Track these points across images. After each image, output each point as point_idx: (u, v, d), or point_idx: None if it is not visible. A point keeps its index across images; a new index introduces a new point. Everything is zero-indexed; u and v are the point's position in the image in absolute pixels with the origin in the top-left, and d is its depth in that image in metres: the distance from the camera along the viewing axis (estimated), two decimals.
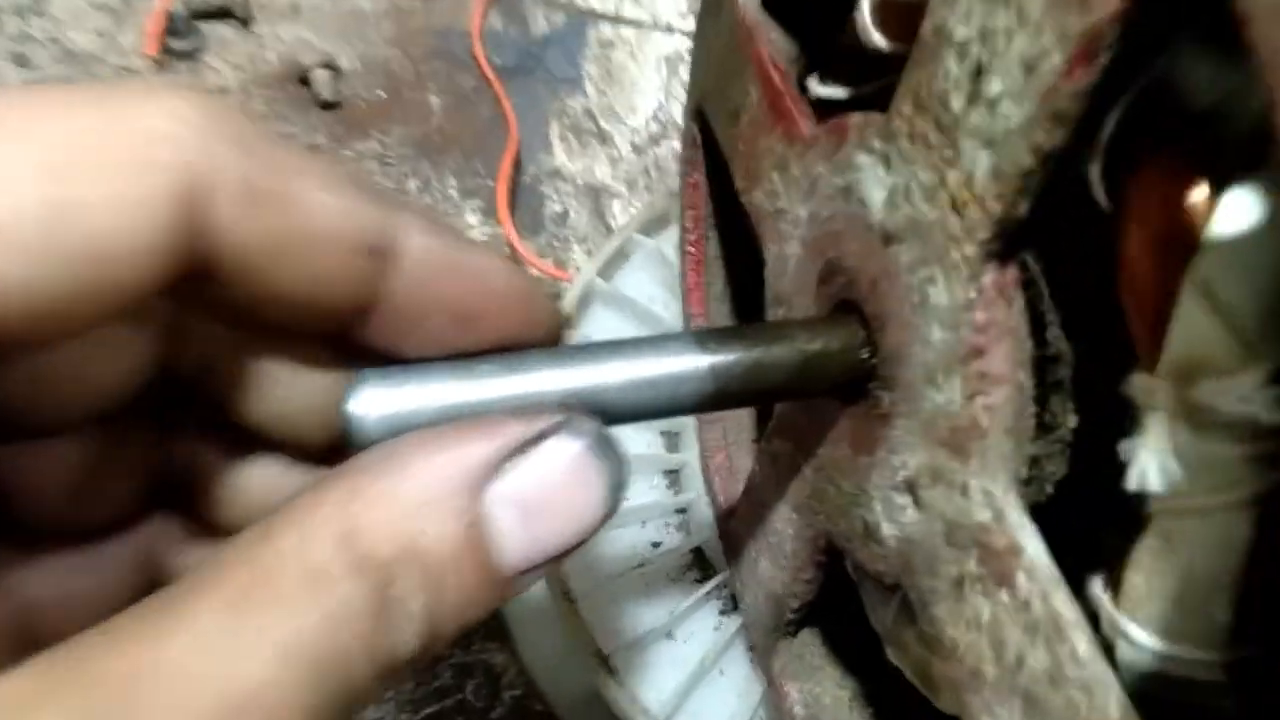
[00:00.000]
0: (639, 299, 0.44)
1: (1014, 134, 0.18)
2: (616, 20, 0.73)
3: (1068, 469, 0.21)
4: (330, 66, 0.65)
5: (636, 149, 0.69)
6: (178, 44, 0.65)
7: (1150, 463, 0.17)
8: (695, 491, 0.40)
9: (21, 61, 0.65)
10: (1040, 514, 0.21)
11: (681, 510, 0.41)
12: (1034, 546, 0.19)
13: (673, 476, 0.41)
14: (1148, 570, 0.18)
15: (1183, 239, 0.17)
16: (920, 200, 0.21)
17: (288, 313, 0.19)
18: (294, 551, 0.16)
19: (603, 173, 0.68)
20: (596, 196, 0.67)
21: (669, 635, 0.38)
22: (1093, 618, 0.20)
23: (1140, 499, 0.18)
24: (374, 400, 0.20)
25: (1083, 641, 0.17)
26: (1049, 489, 0.21)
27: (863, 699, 0.34)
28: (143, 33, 0.64)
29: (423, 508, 0.17)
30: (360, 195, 0.19)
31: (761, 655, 0.35)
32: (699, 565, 0.40)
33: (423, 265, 0.20)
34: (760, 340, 0.23)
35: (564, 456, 0.19)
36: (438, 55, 0.69)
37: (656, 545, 0.40)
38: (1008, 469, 0.20)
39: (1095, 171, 0.18)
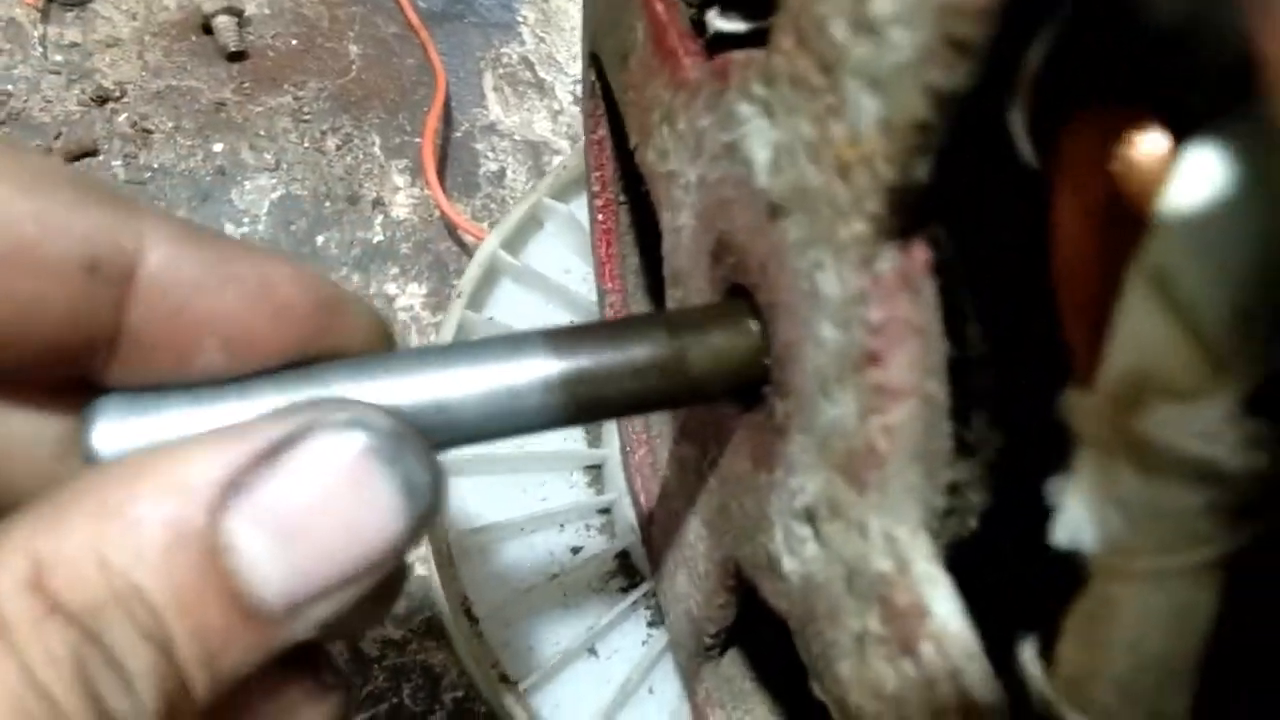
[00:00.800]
0: (551, 273, 0.39)
1: (905, 71, 0.13)
2: None
3: (993, 498, 0.17)
4: (234, 12, 0.60)
5: (579, 100, 0.63)
6: None
7: (1082, 513, 0.13)
8: (619, 490, 0.36)
9: None
10: (963, 552, 0.17)
11: (604, 511, 0.37)
12: (945, 608, 0.15)
13: (594, 473, 0.37)
14: (1086, 642, 0.14)
15: (1129, 212, 0.13)
16: (805, 161, 0.16)
17: None
18: None
19: (542, 127, 0.62)
20: (536, 153, 0.61)
21: (591, 652, 0.34)
22: (1022, 691, 0.16)
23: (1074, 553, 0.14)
24: (116, 432, 0.16)
25: None
26: (972, 522, 0.17)
27: None
28: None
29: (136, 539, 0.14)
30: (74, 197, 0.15)
31: (686, 678, 0.31)
32: (624, 572, 0.36)
33: (170, 282, 0.16)
34: (622, 339, 0.19)
35: (331, 460, 0.15)
36: None
37: (576, 551, 0.36)
38: (916, 504, 0.16)
39: (1019, 121, 0.14)
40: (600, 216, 0.33)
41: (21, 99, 0.57)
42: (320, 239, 0.57)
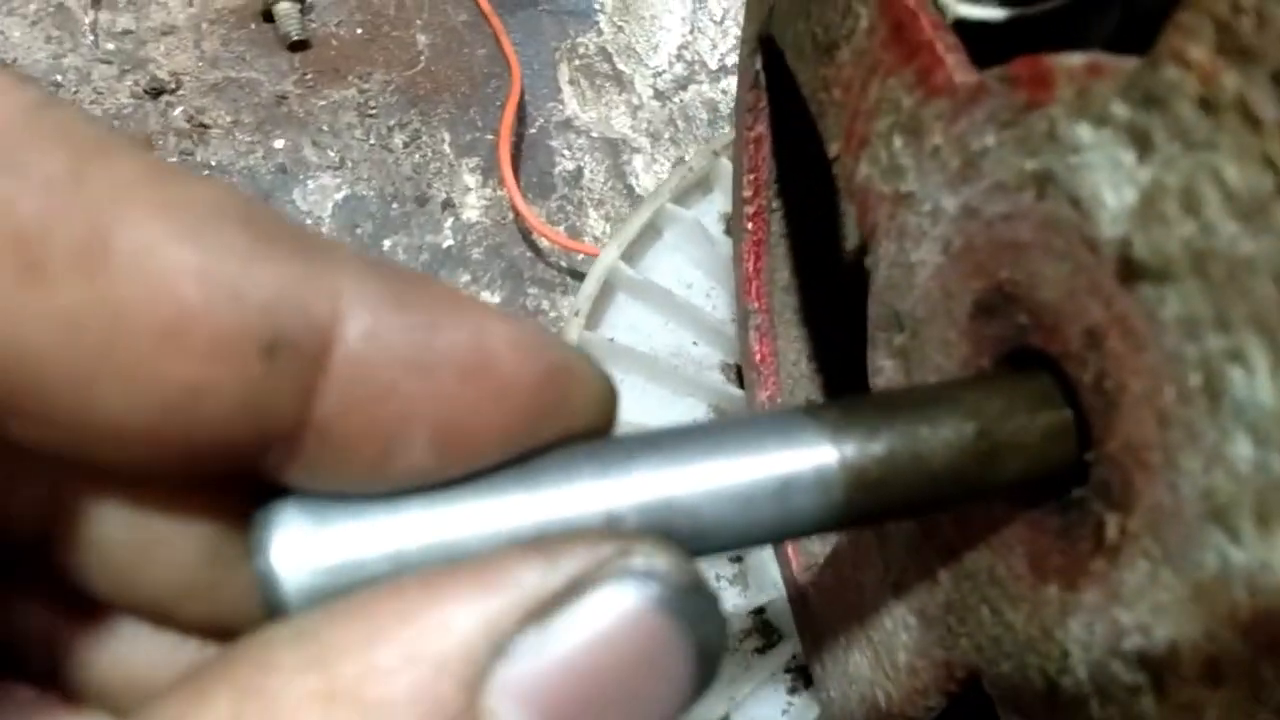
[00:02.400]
0: (674, 287, 0.35)
1: None
2: None
3: None
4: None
5: (659, 95, 0.59)
6: None
7: None
8: None
9: None
10: None
11: (738, 559, 0.32)
12: None
13: None
14: None
15: None
16: (1219, 216, 0.12)
17: (129, 455, 0.11)
18: None
19: (621, 123, 0.58)
20: (615, 151, 0.57)
21: None
22: None
23: None
24: (301, 548, 0.12)
25: None
26: None
27: None
28: None
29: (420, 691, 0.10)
30: (251, 243, 0.11)
31: None
32: (761, 631, 0.32)
33: (371, 362, 0.12)
34: (913, 424, 0.14)
35: (621, 617, 0.11)
36: None
37: None
38: None
39: None
40: (750, 225, 0.28)
41: (71, 90, 0.53)
42: (387, 243, 0.53)
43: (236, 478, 0.12)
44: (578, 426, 0.13)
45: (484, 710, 0.10)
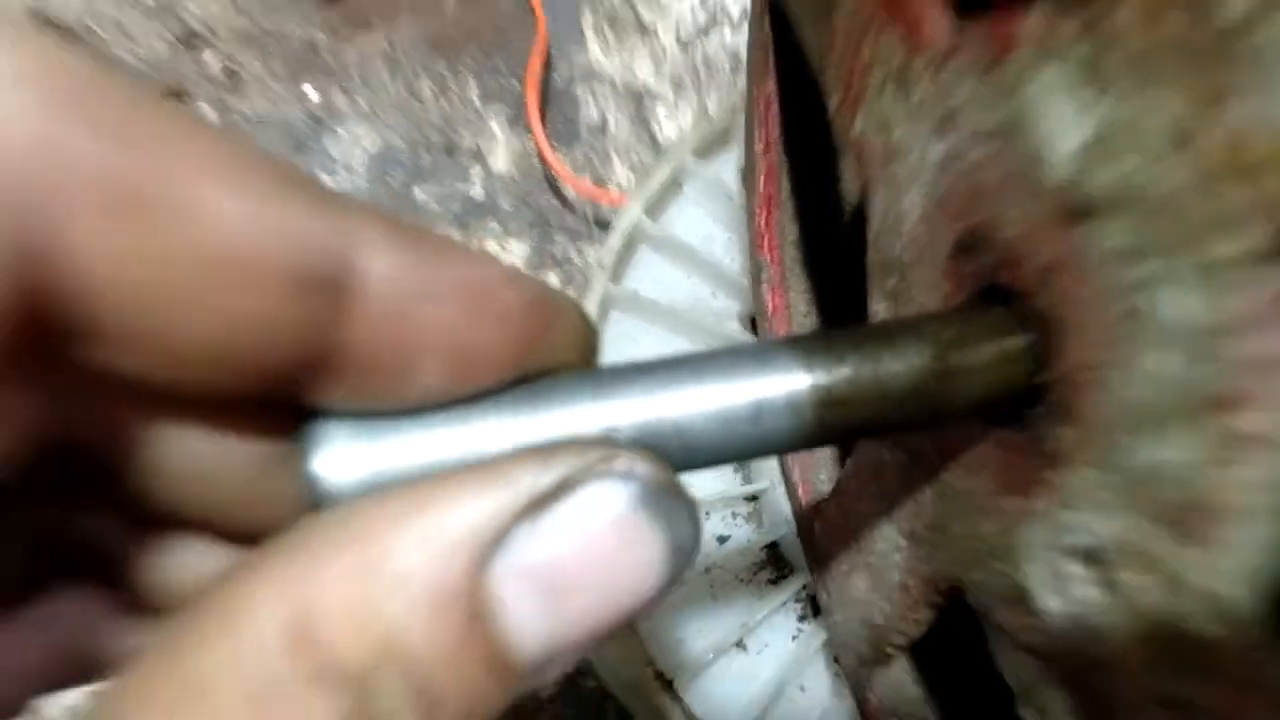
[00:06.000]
0: (695, 241, 0.36)
1: None
2: None
3: None
4: None
5: (682, 43, 0.60)
6: None
7: None
8: (769, 480, 0.33)
9: None
10: None
11: (752, 498, 0.34)
12: None
13: (743, 462, 0.35)
14: None
15: None
16: (1161, 152, 0.13)
17: (193, 375, 0.13)
18: (230, 659, 0.12)
19: (644, 71, 0.59)
20: (638, 100, 0.58)
21: (740, 646, 0.32)
22: None
23: None
24: (344, 459, 0.14)
25: None
26: None
27: None
28: None
29: (403, 594, 0.12)
30: (285, 193, 0.13)
31: (853, 683, 0.29)
32: (773, 564, 0.34)
33: (391, 294, 0.14)
34: (878, 352, 0.16)
35: (601, 515, 0.13)
36: None
37: (723, 540, 0.34)
38: (1260, 566, 0.13)
39: None
40: (762, 181, 0.30)
41: (109, 40, 0.55)
42: (418, 192, 0.54)
43: (281, 403, 0.14)
44: (564, 356, 0.16)
45: (486, 586, 0.12)
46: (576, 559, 0.13)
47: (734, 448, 0.16)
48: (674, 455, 0.16)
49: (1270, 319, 0.13)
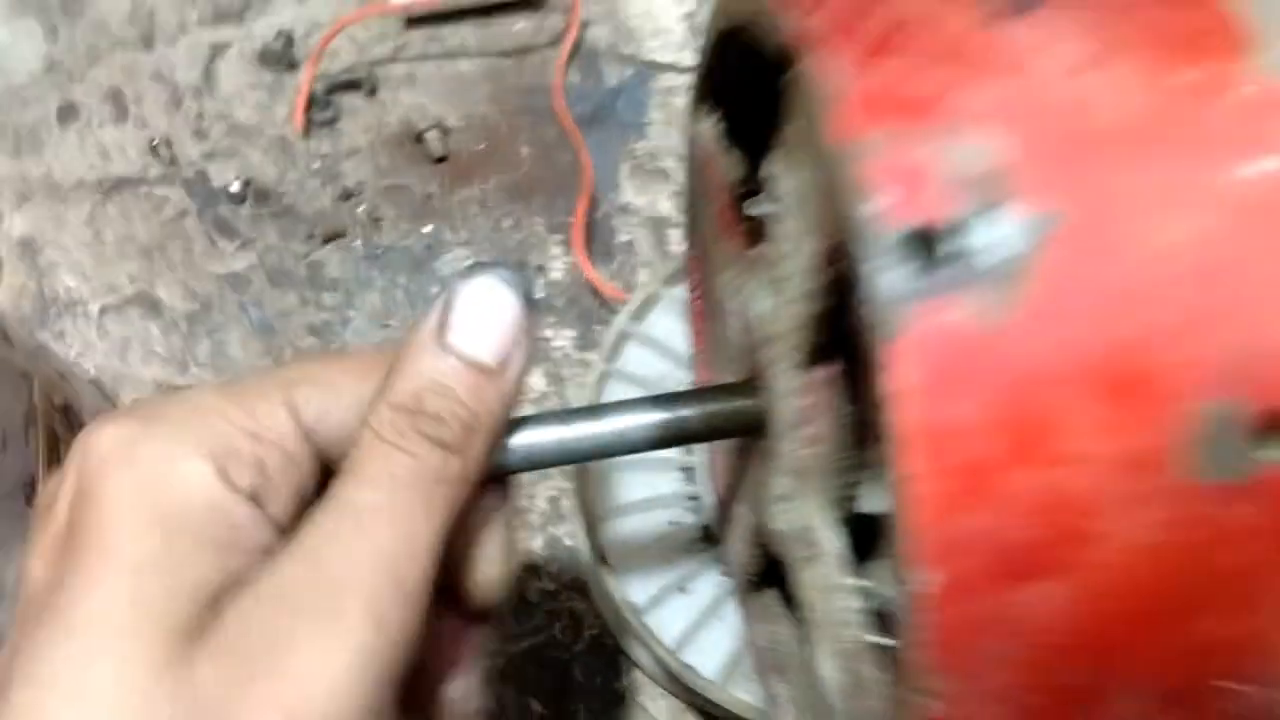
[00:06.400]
0: (666, 339, 0.57)
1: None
2: (677, 69, 0.84)
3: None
4: (440, 126, 0.80)
5: None
6: (318, 115, 0.81)
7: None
8: (704, 484, 0.53)
9: (200, 135, 0.83)
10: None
11: (694, 498, 0.54)
12: (829, 542, 0.31)
13: (688, 472, 0.54)
14: None
15: None
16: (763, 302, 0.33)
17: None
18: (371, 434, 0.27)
19: (665, 206, 0.80)
20: (659, 227, 0.79)
21: (682, 589, 0.52)
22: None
23: None
24: None
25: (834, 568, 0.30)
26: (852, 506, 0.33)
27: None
28: (291, 107, 0.81)
29: (417, 366, 0.28)
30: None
31: (741, 606, 0.48)
32: (706, 538, 0.53)
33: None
34: (690, 403, 0.36)
35: (481, 288, 0.29)
36: (526, 110, 0.83)
37: (674, 524, 0.54)
38: (824, 494, 0.32)
39: None
40: (694, 301, 0.50)
41: (292, 197, 0.80)
42: None
43: None
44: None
45: (447, 345, 0.28)
46: (476, 313, 0.28)
47: (614, 448, 0.36)
48: (584, 453, 0.35)
49: (809, 386, 0.32)
